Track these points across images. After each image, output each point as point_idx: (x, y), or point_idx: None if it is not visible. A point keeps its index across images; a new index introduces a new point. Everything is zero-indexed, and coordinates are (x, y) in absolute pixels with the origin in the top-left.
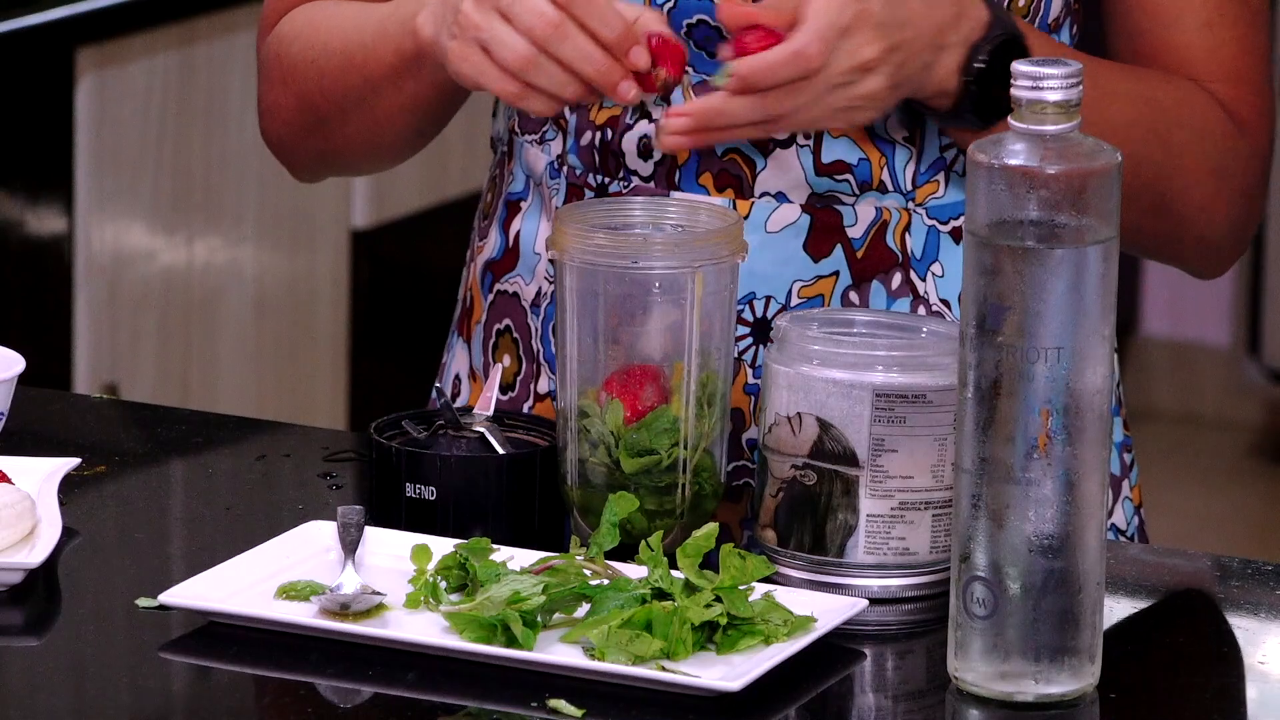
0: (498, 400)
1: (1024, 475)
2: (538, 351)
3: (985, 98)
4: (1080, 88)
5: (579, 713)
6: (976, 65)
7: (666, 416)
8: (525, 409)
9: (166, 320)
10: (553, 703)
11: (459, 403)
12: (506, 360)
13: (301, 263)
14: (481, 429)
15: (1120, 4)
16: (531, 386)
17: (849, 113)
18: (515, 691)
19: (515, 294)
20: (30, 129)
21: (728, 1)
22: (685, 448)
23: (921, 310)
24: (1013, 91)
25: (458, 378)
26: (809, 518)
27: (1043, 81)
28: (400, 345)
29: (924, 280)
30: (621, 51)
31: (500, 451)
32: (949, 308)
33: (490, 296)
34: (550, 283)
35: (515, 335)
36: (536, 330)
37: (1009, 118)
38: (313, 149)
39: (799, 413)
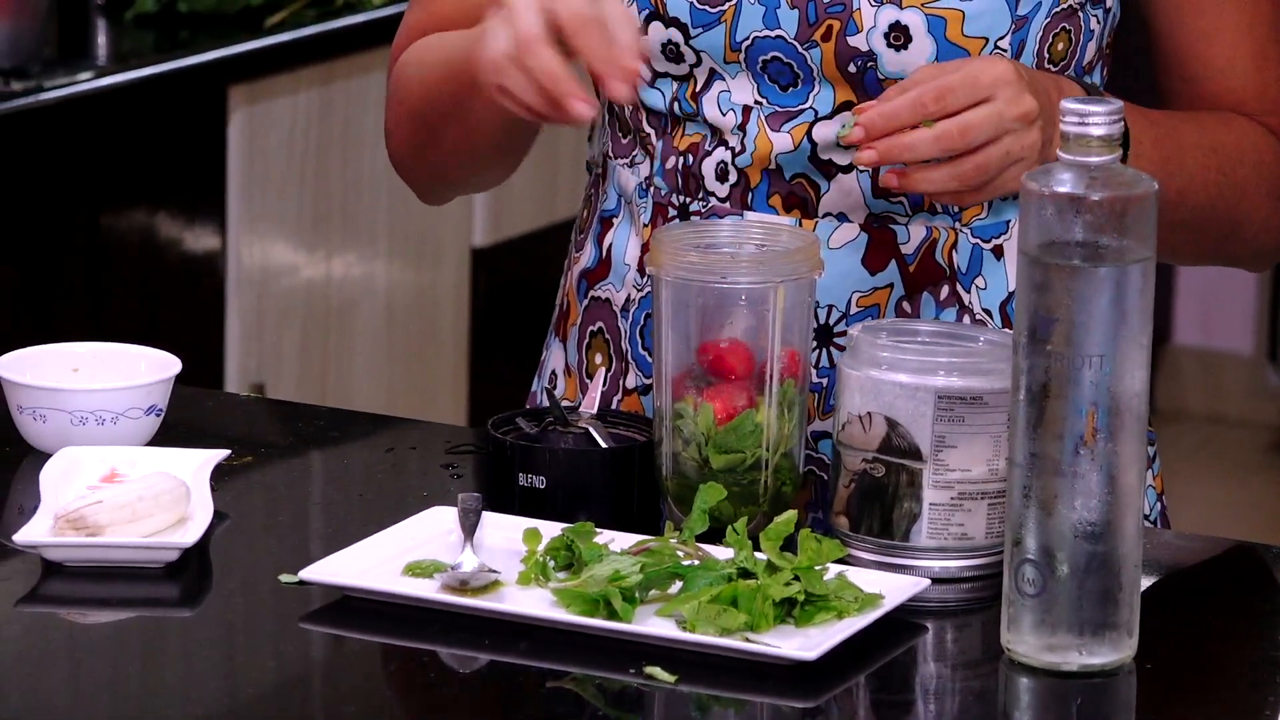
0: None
1: (1070, 469)
2: (626, 351)
3: None
4: (1121, 124)
5: (672, 678)
6: None
7: (751, 420)
8: (615, 402)
9: (308, 327)
10: (649, 669)
11: (556, 394)
12: (599, 358)
13: (427, 277)
14: (587, 425)
15: (1176, 55)
16: (621, 383)
17: (1018, 166)
18: (615, 659)
19: (607, 300)
20: (188, 157)
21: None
22: (767, 450)
23: (967, 319)
24: (1061, 127)
25: (554, 374)
26: (878, 506)
27: (1088, 118)
28: (514, 350)
29: (969, 292)
30: (600, 78)
31: (603, 446)
32: (990, 316)
33: (585, 302)
34: (639, 291)
35: (607, 336)
36: (625, 332)
37: (1057, 149)
38: (424, 163)
39: (869, 412)
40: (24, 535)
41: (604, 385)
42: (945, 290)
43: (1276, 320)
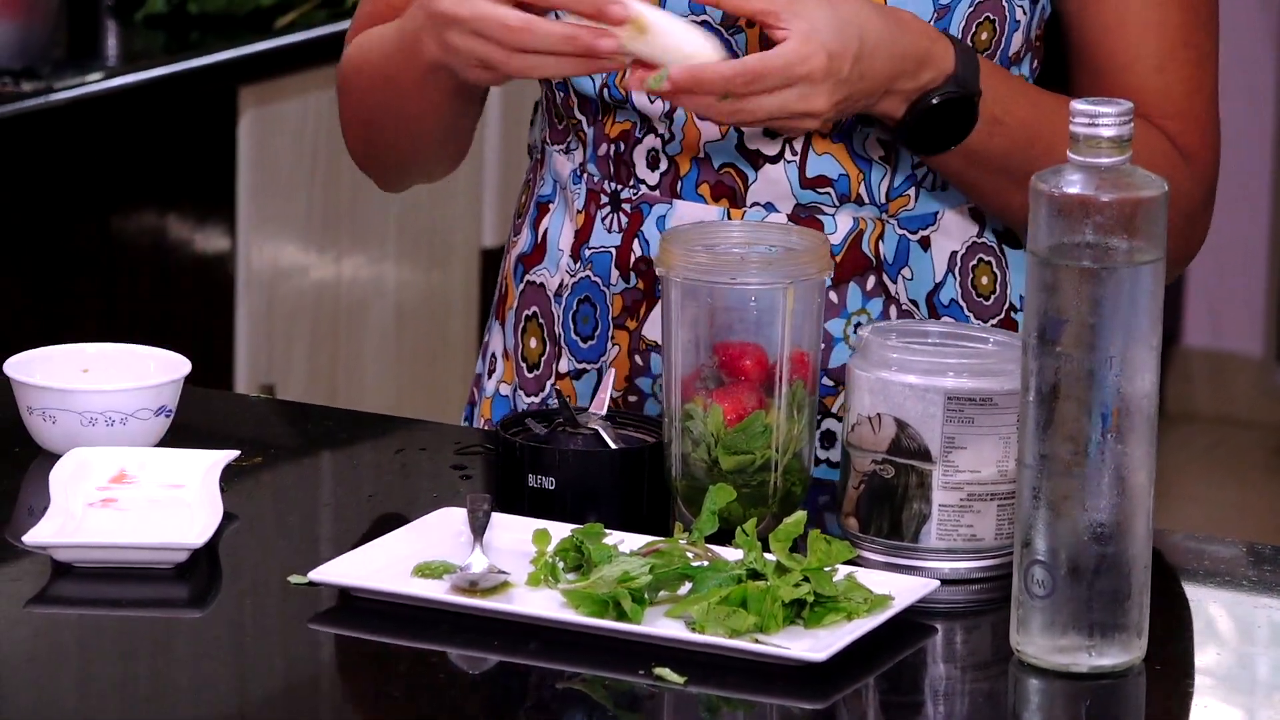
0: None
1: (1080, 470)
2: (559, 336)
3: (921, 134)
4: (1131, 125)
5: (681, 679)
6: (920, 108)
7: (761, 421)
8: (548, 386)
9: (317, 328)
10: (658, 670)
11: (494, 378)
12: (534, 342)
13: (437, 277)
14: (596, 426)
15: (1082, 48)
16: (554, 366)
17: (784, 125)
18: (624, 660)
19: (542, 284)
20: (198, 158)
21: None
22: (777, 451)
23: (894, 310)
24: (1070, 128)
25: (494, 356)
26: (887, 507)
27: (1098, 119)
28: None
29: (895, 282)
30: (594, 12)
31: (613, 446)
32: (917, 307)
33: (521, 286)
34: (571, 276)
35: (540, 321)
36: (558, 317)
37: (1068, 150)
38: (376, 158)
39: (879, 413)
40: (33, 536)
41: (530, 362)
42: (872, 280)
43: None
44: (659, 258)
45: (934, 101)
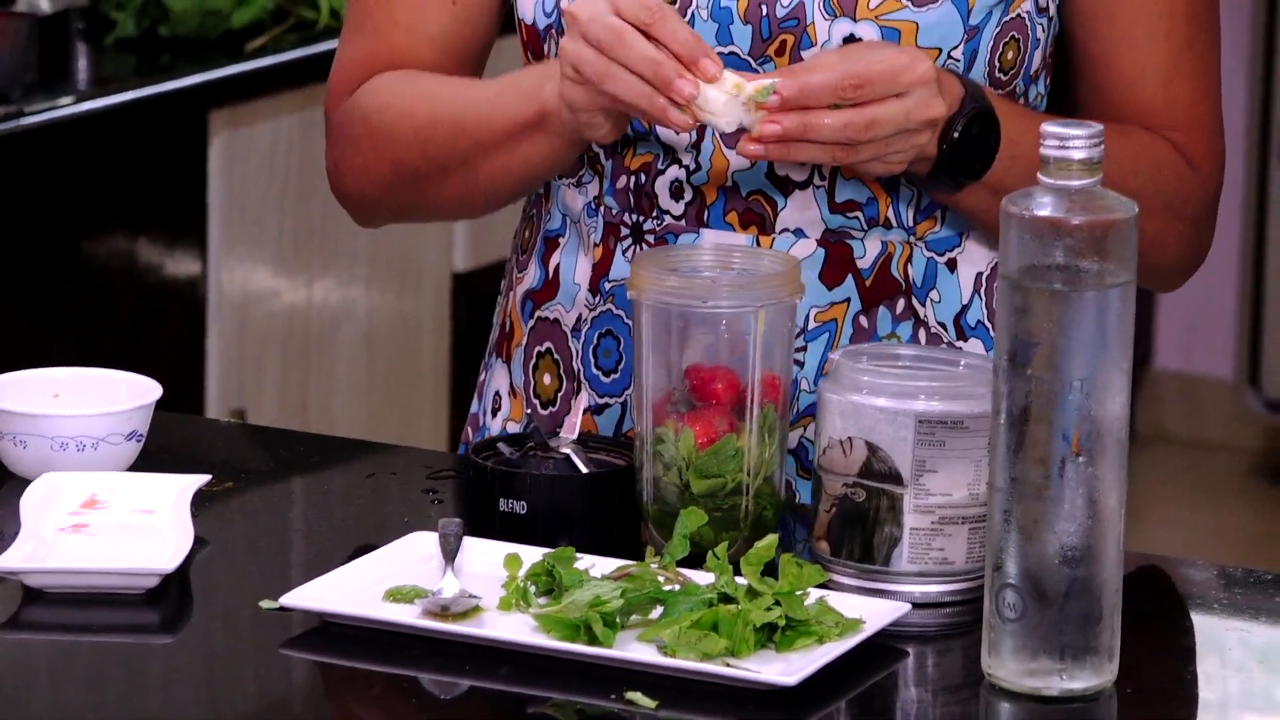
0: (550, 415)
1: (1051, 493)
2: (578, 371)
3: (957, 164)
4: (1101, 147)
5: (653, 704)
6: (954, 135)
7: (732, 444)
8: (567, 421)
9: (288, 353)
10: (630, 695)
11: (500, 415)
12: (548, 379)
13: (408, 302)
14: (567, 450)
15: (1088, 65)
16: (572, 402)
17: (890, 159)
18: (596, 685)
19: (556, 320)
20: (169, 182)
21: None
22: (748, 474)
23: (923, 333)
24: (1041, 150)
25: (498, 394)
26: (859, 530)
27: (1069, 141)
28: None
29: (924, 305)
30: (691, 64)
31: (584, 470)
32: (945, 329)
33: (530, 322)
34: (590, 310)
35: (556, 357)
36: (577, 353)
37: (1039, 173)
38: (399, 205)
39: (850, 437)
40: (4, 561)
41: (544, 398)
42: (901, 304)
43: (1257, 344)
44: (630, 280)
45: (960, 126)
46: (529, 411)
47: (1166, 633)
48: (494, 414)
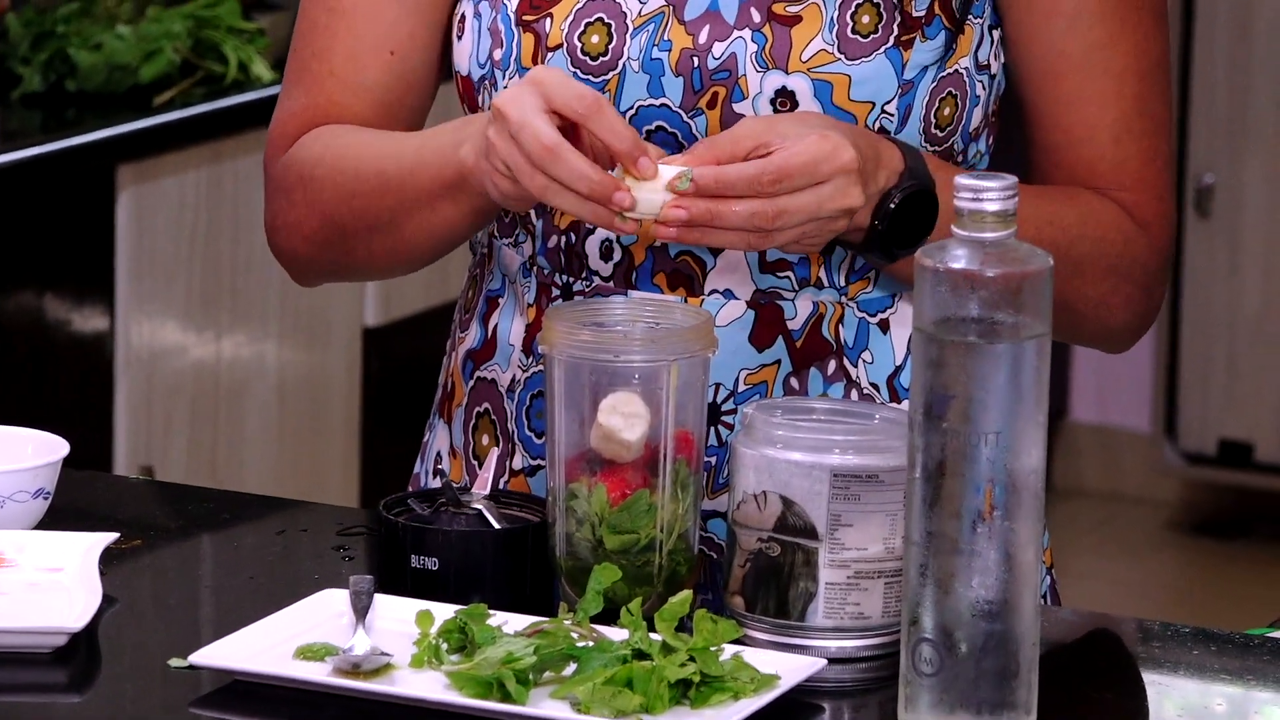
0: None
1: (967, 547)
2: (513, 432)
3: (891, 238)
4: (1015, 199)
5: None
6: (889, 207)
7: (645, 500)
8: (502, 483)
9: (197, 408)
10: None
11: (440, 476)
12: (486, 439)
13: (318, 357)
14: (479, 506)
15: (1039, 122)
16: (508, 464)
17: (806, 242)
18: None
19: (493, 380)
20: (76, 237)
21: (707, 146)
22: (662, 530)
23: (855, 394)
24: (955, 202)
25: (439, 455)
26: (774, 585)
27: (982, 194)
28: (407, 431)
29: (855, 366)
30: (630, 161)
31: (496, 526)
32: (878, 390)
33: (471, 383)
34: (524, 371)
35: (493, 417)
36: (512, 413)
37: (952, 225)
38: (330, 263)
39: (764, 491)
40: None
41: (483, 459)
42: (832, 365)
43: (1173, 396)
44: (542, 335)
45: (896, 199)
46: (440, 469)
47: (1085, 687)
48: (435, 475)
